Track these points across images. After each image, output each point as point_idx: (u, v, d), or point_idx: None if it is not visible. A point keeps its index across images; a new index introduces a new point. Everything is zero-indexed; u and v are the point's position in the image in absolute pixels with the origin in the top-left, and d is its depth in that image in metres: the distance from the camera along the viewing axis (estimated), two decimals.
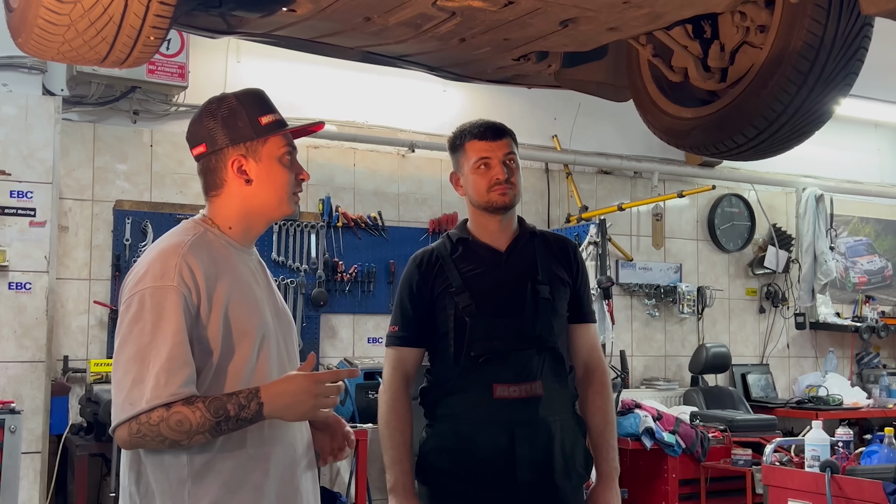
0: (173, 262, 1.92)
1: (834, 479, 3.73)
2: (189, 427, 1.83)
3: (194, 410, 1.83)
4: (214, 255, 2.00)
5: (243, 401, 1.87)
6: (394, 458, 2.64)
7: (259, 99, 2.12)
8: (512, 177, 2.67)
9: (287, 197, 2.09)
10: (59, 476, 4.91)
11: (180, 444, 1.86)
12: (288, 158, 2.09)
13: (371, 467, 5.54)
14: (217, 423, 1.85)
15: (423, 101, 6.44)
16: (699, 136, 3.15)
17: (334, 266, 6.01)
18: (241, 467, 1.95)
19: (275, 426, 1.99)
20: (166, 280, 1.89)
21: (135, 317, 1.88)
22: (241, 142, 2.06)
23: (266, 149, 2.07)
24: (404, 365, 2.70)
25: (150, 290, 1.89)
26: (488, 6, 2.58)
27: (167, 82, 5.38)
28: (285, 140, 2.10)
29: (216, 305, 1.94)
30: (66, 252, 5.36)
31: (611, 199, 7.11)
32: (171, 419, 1.82)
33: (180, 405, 1.83)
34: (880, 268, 8.46)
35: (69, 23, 2.07)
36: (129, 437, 1.85)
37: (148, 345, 1.85)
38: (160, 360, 1.84)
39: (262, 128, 2.07)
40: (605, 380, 2.80)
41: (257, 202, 2.08)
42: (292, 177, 2.10)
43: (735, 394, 6.99)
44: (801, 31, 2.76)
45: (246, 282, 2.04)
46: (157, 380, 1.83)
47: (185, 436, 1.84)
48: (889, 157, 8.59)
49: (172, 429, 1.83)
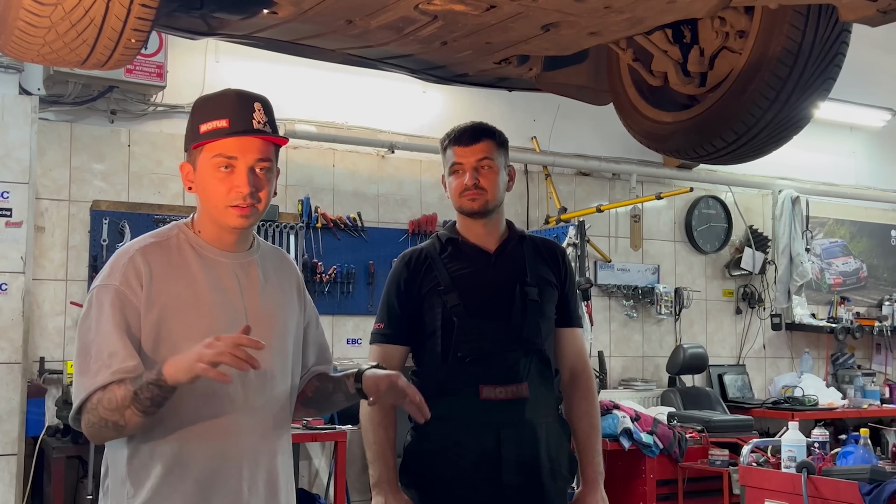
0: (121, 263, 1.98)
1: (810, 480, 3.77)
2: (117, 403, 1.87)
3: (120, 386, 1.87)
4: (174, 257, 2.02)
5: (152, 372, 1.87)
6: (377, 454, 2.63)
7: (208, 104, 2.04)
8: (483, 182, 2.66)
9: (223, 207, 2.00)
10: (36, 478, 4.87)
11: (119, 425, 1.89)
12: (222, 171, 1.99)
13: (350, 469, 5.54)
14: (135, 392, 1.85)
15: (402, 102, 6.43)
16: (679, 141, 3.17)
17: (313, 267, 5.99)
18: (170, 472, 1.96)
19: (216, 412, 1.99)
20: (111, 279, 1.96)
21: (84, 315, 1.98)
22: (187, 149, 2.06)
23: (201, 157, 2.02)
24: (389, 362, 2.68)
25: (97, 289, 1.98)
26: (470, 10, 2.58)
27: (145, 82, 5.34)
28: (219, 149, 1.99)
29: (154, 307, 1.96)
30: (43, 253, 5.31)
31: (589, 200, 7.14)
32: (104, 398, 1.88)
33: (114, 385, 1.88)
34: (855, 269, 8.54)
35: (50, 25, 2.06)
36: (86, 427, 1.93)
37: (91, 341, 1.93)
38: (101, 354, 1.91)
39: (199, 135, 2.01)
40: (591, 384, 2.81)
41: (204, 209, 2.06)
42: (225, 188, 1.99)
43: (712, 394, 7.04)
44: (780, 36, 2.79)
45: (206, 285, 2.02)
46: (95, 374, 1.90)
47: (117, 413, 1.87)
48: (864, 160, 8.68)
49: (106, 408, 1.88)
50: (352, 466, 5.64)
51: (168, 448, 1.96)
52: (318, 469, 5.93)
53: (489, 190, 2.67)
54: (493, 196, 2.68)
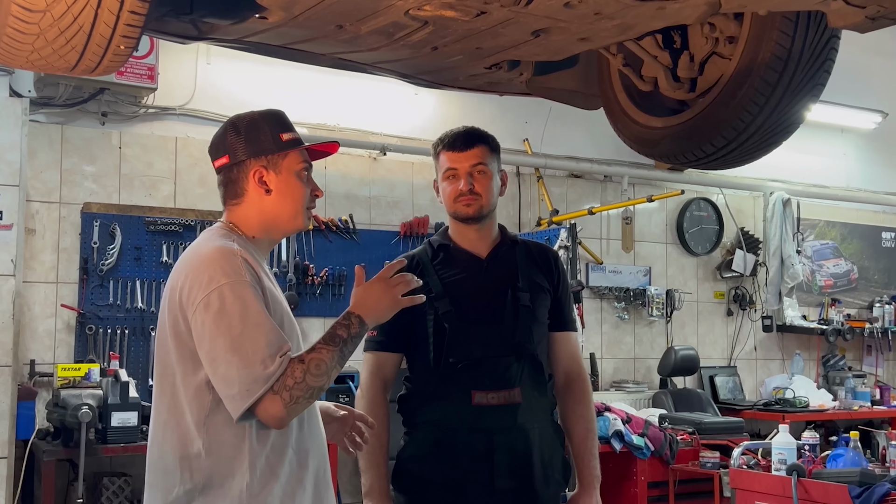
0: (238, 261, 2.02)
1: (800, 483, 3.78)
2: (326, 365, 1.98)
3: (320, 351, 1.99)
4: (249, 260, 2.09)
5: (344, 322, 2.06)
6: (369, 463, 2.63)
7: (280, 118, 2.22)
8: (478, 187, 2.67)
9: (302, 210, 2.20)
10: (26, 482, 4.85)
11: (323, 388, 1.99)
12: (305, 174, 2.20)
13: (342, 471, 5.54)
14: (341, 350, 2.02)
15: (394, 104, 6.43)
16: (668, 146, 3.18)
17: (305, 269, 5.99)
18: (291, 462, 2.05)
19: (312, 425, 2.13)
20: (238, 276, 1.99)
21: (219, 311, 1.96)
22: (263, 154, 2.15)
23: (286, 163, 2.17)
24: (382, 370, 2.69)
25: (227, 285, 1.97)
26: (461, 16, 2.59)
27: (136, 84, 5.32)
28: (303, 156, 2.21)
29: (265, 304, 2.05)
30: (33, 255, 5.30)
31: (581, 202, 7.14)
32: (311, 366, 1.96)
33: (306, 354, 1.98)
34: (846, 271, 8.56)
35: (38, 32, 2.05)
36: (285, 408, 1.94)
37: (240, 335, 1.93)
38: (260, 344, 1.93)
39: (284, 143, 2.17)
40: (587, 388, 2.80)
41: (274, 213, 2.18)
42: (308, 191, 2.21)
43: (703, 396, 7.05)
44: (769, 42, 2.80)
45: (272, 289, 2.13)
46: (264, 363, 1.92)
47: (325, 377, 1.98)
48: (855, 162, 8.70)
49: (314, 374, 1.96)
50: (343, 469, 5.64)
51: (286, 443, 2.05)
52: None
53: (483, 195, 2.67)
54: (487, 201, 2.68)
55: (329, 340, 2.01)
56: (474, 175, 2.67)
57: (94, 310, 5.38)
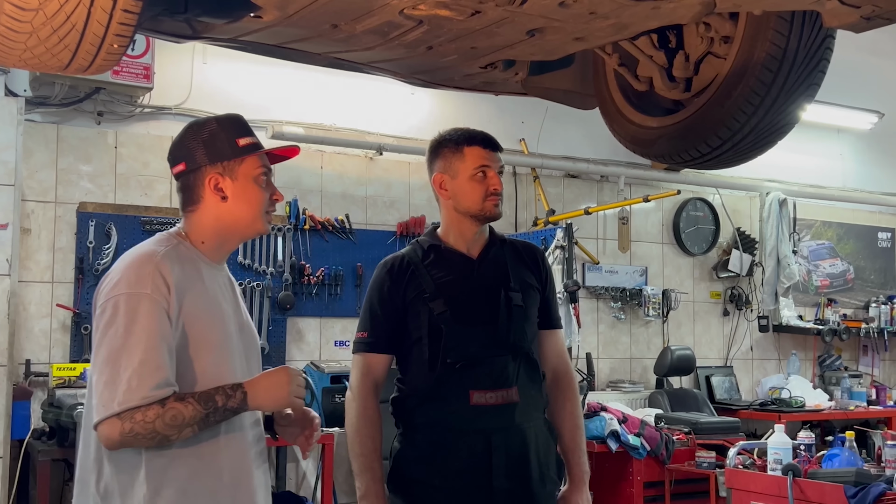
0: (147, 271, 1.99)
1: (796, 483, 3.78)
2: (182, 421, 1.93)
3: (186, 405, 1.94)
4: (185, 267, 2.07)
5: (229, 391, 2.00)
6: (364, 466, 2.61)
7: (238, 122, 2.21)
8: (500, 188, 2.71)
9: (260, 215, 2.17)
10: (21, 481, 4.85)
11: (170, 439, 1.94)
12: (263, 179, 2.18)
13: (337, 471, 5.53)
14: (206, 415, 1.96)
15: (391, 104, 6.43)
16: (664, 145, 3.18)
17: (301, 269, 5.98)
18: (196, 473, 2.02)
19: (230, 428, 2.08)
20: (141, 287, 1.97)
21: (109, 321, 1.96)
22: (219, 161, 2.14)
23: (242, 168, 2.15)
24: (373, 371, 2.68)
25: (125, 296, 1.97)
26: (455, 15, 2.58)
27: (132, 83, 5.32)
28: (261, 161, 2.18)
29: (180, 315, 2.02)
30: (29, 255, 5.29)
31: (577, 202, 7.14)
32: (167, 415, 1.91)
33: (173, 401, 1.92)
34: (842, 271, 8.57)
35: (31, 30, 2.05)
36: (121, 436, 1.91)
37: (119, 348, 1.93)
38: (132, 364, 1.91)
39: (240, 148, 2.15)
40: (574, 385, 2.82)
41: (231, 219, 2.16)
42: (266, 196, 2.18)
43: (699, 396, 7.05)
44: (764, 42, 2.80)
45: (213, 296, 2.12)
46: (128, 384, 1.90)
47: (176, 430, 1.93)
48: (851, 162, 8.71)
49: (167, 424, 1.92)
50: (339, 468, 5.63)
51: (191, 451, 2.01)
52: (306, 471, 5.92)
53: (501, 196, 2.71)
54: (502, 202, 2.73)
55: (202, 400, 1.96)
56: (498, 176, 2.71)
57: (90, 309, 5.34)
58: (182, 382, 2.00)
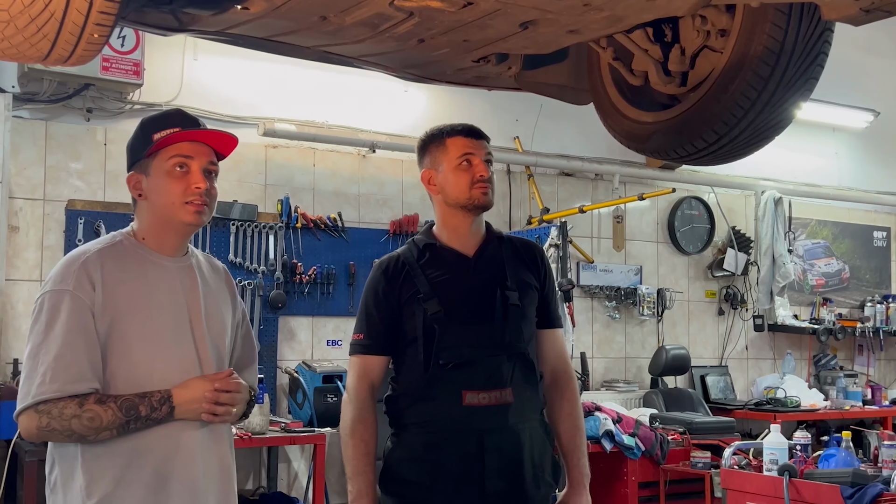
0: (73, 269, 2.06)
1: (792, 483, 3.75)
2: (99, 424, 1.98)
3: (106, 409, 1.99)
4: (124, 263, 2.13)
5: (156, 403, 2.04)
6: (357, 469, 2.58)
7: (161, 117, 2.20)
8: (488, 176, 2.64)
9: (178, 206, 2.14)
10: (8, 482, 4.80)
11: (86, 438, 2.00)
12: (178, 170, 2.14)
13: (329, 471, 5.49)
14: (127, 422, 2.01)
15: (384, 102, 6.38)
16: (659, 141, 3.14)
17: (293, 267, 5.93)
18: (129, 463, 2.05)
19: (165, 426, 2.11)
20: (64, 285, 2.04)
21: (34, 318, 2.05)
22: (136, 161, 2.18)
23: (155, 163, 2.15)
24: (370, 374, 2.64)
25: (49, 293, 2.05)
26: (447, 7, 2.54)
27: (122, 80, 5.26)
28: (176, 151, 2.14)
29: (107, 311, 2.05)
30: (17, 253, 5.23)
31: (572, 201, 7.10)
32: (84, 416, 1.97)
33: (93, 403, 1.98)
34: (837, 270, 8.55)
35: (8, 19, 2.01)
36: (38, 430, 1.99)
37: (40, 344, 2.01)
38: (48, 359, 1.98)
39: (150, 143, 2.15)
40: (574, 385, 2.78)
41: (157, 214, 2.18)
42: (182, 187, 2.14)
43: (694, 395, 7.02)
44: (761, 35, 2.76)
45: (154, 289, 2.14)
46: (42, 377, 1.97)
47: (93, 432, 1.98)
48: (847, 161, 8.68)
49: (84, 425, 1.97)
50: (331, 469, 5.58)
51: (125, 441, 2.04)
52: (298, 472, 5.87)
53: (492, 185, 2.65)
54: (493, 192, 2.66)
55: (124, 407, 2.01)
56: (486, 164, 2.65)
57: None
58: (114, 375, 2.05)
